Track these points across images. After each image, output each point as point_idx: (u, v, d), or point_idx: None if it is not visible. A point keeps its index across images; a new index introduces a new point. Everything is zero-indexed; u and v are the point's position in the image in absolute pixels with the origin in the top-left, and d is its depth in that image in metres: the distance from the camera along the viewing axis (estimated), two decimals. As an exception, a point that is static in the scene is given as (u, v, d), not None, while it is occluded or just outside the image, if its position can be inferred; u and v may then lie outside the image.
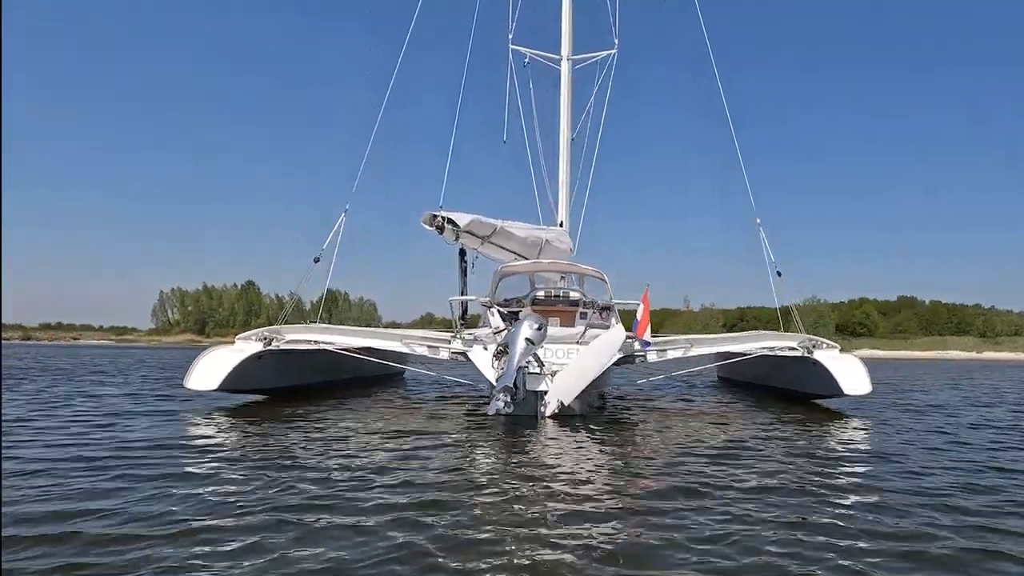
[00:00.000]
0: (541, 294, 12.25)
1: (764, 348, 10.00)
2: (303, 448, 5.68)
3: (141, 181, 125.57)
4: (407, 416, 8.22)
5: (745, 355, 10.30)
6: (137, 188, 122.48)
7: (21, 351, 38.45)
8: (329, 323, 12.58)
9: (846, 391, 8.82)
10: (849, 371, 8.98)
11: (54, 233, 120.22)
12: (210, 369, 8.95)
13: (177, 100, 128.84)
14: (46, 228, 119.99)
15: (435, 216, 9.79)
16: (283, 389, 10.13)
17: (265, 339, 9.81)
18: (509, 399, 7.44)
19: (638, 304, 9.44)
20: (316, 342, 10.27)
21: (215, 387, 8.80)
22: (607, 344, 7.93)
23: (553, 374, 7.98)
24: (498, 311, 9.14)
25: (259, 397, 9.76)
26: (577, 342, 8.91)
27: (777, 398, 11.02)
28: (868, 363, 9.49)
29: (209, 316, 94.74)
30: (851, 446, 6.44)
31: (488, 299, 9.72)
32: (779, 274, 11.96)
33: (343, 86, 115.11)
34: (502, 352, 8.13)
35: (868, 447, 6.39)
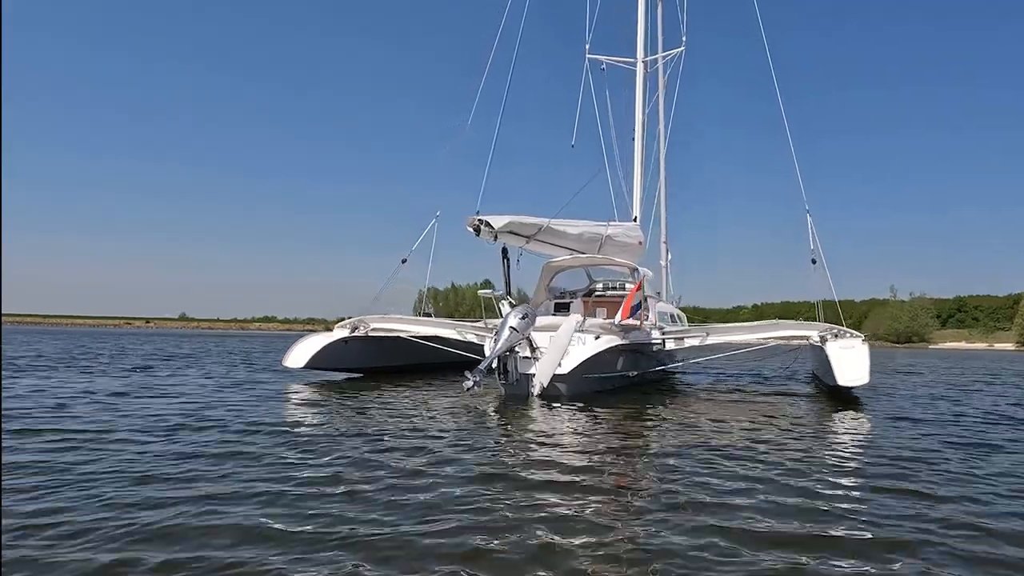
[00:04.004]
0: (600, 287, 13.00)
1: (780, 337, 9.62)
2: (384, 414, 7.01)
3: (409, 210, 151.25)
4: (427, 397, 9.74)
5: (761, 344, 9.97)
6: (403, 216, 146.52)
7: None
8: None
9: (840, 381, 8.43)
10: (847, 361, 8.50)
11: (349, 249, 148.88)
12: (301, 351, 11.09)
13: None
14: (340, 248, 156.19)
15: (473, 219, 11.18)
16: (367, 369, 12.03)
17: (352, 327, 12.14)
18: (479, 379, 8.63)
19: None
20: (392, 331, 12.36)
21: (302, 366, 10.92)
22: (563, 333, 8.67)
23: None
24: (508, 302, 10.27)
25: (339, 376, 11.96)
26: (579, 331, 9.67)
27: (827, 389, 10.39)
28: None
29: (455, 310, 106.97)
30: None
31: (502, 293, 10.85)
32: (813, 262, 11.13)
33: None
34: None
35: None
